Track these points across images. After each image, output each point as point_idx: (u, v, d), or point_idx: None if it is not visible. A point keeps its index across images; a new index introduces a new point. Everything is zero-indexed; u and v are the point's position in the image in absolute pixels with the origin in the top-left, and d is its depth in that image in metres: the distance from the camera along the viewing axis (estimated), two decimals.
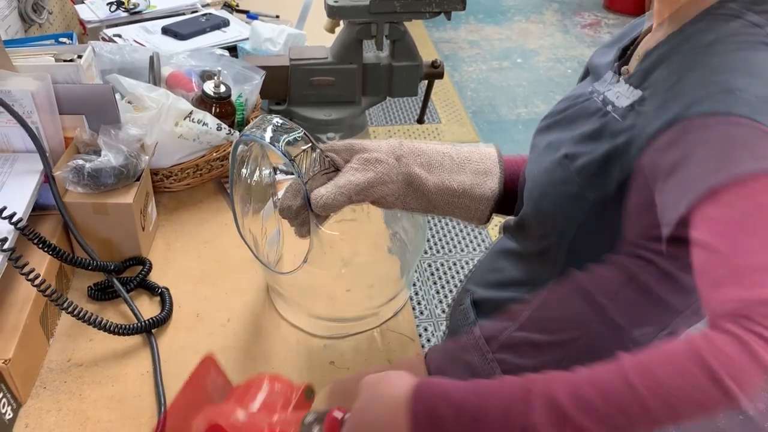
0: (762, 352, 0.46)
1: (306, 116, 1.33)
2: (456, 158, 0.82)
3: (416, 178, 0.79)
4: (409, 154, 0.80)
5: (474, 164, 0.83)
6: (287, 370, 0.88)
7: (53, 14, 1.58)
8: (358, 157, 0.79)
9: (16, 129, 0.92)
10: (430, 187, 0.80)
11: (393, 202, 0.79)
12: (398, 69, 1.35)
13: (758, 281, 0.48)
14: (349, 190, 0.75)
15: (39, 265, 0.87)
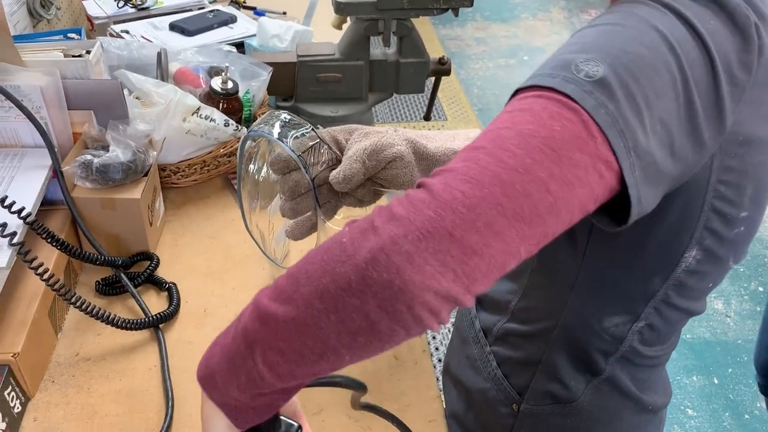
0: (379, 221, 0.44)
1: (313, 112, 1.33)
2: (445, 133, 0.85)
3: (417, 143, 0.80)
4: (403, 130, 0.82)
5: (462, 135, 0.85)
6: None
7: (61, 10, 1.58)
8: (358, 132, 0.81)
9: (25, 124, 0.93)
10: (432, 150, 0.80)
11: (404, 171, 0.79)
12: (405, 66, 1.35)
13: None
14: (360, 155, 0.76)
15: (47, 259, 0.88)
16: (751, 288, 2.45)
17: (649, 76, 0.49)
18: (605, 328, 0.70)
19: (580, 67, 0.49)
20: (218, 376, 0.52)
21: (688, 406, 2.02)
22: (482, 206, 0.43)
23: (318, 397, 0.84)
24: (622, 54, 0.49)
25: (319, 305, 0.45)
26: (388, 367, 0.89)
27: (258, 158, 0.89)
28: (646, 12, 0.52)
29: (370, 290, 0.43)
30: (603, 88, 0.48)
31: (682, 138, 0.51)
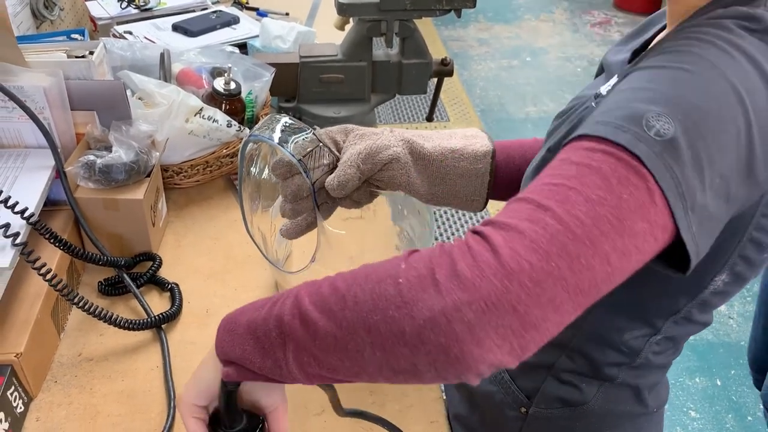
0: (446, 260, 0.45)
1: (315, 113, 1.33)
2: (442, 133, 0.84)
3: (414, 142, 0.79)
4: (399, 130, 0.82)
5: (459, 134, 0.84)
6: None
7: (64, 11, 1.59)
8: (353, 134, 0.80)
9: (28, 124, 0.93)
10: (429, 149, 0.79)
11: (400, 172, 0.78)
12: (408, 66, 1.35)
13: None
14: (355, 160, 0.75)
15: (50, 260, 0.88)
16: (754, 290, 2.44)
17: (715, 134, 0.49)
18: (624, 341, 0.70)
19: (651, 123, 0.48)
20: (240, 349, 0.54)
21: (690, 408, 2.02)
22: (548, 282, 0.44)
23: (319, 397, 0.84)
24: (693, 110, 0.49)
25: (365, 336, 0.46)
26: None
27: (260, 160, 0.90)
28: (717, 56, 0.52)
29: (424, 347, 0.43)
30: (672, 150, 0.48)
31: (739, 185, 0.51)
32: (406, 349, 0.44)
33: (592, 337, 0.71)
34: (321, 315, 0.47)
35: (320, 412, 0.82)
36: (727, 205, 0.52)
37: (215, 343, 0.57)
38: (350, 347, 0.46)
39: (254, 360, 0.52)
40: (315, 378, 0.50)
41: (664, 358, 0.73)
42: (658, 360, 0.73)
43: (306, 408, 0.83)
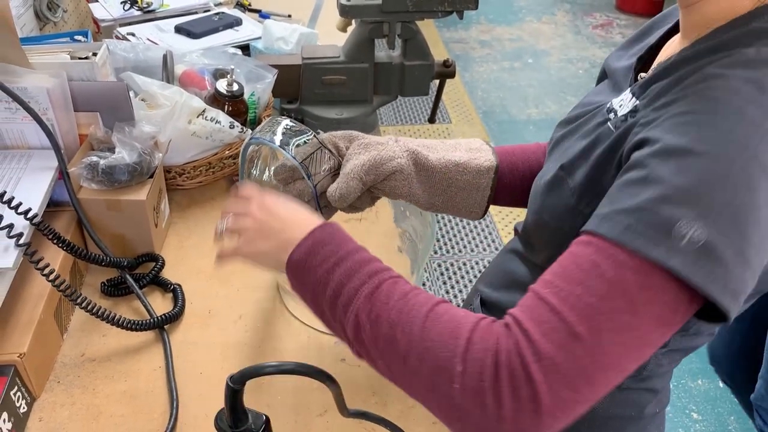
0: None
1: (317, 115, 1.34)
2: (448, 143, 0.85)
3: (419, 154, 0.80)
4: (405, 139, 0.82)
5: (464, 145, 0.85)
6: None
7: (68, 12, 1.59)
8: (357, 143, 0.81)
9: (31, 126, 0.93)
10: (433, 161, 0.80)
11: (402, 183, 0.79)
12: (410, 68, 1.35)
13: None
14: (357, 172, 0.76)
15: (53, 260, 0.88)
16: None
17: (756, 224, 0.50)
18: None
19: (683, 232, 0.49)
20: (304, 289, 0.63)
21: (693, 410, 2.02)
22: (575, 407, 0.52)
23: (322, 397, 0.84)
24: (725, 207, 0.49)
25: (410, 380, 0.56)
26: None
27: (260, 162, 0.90)
28: (747, 132, 0.50)
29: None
30: (709, 254, 0.49)
31: None
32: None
33: None
34: (372, 346, 0.58)
35: (323, 412, 0.83)
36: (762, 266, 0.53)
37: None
38: (395, 378, 0.58)
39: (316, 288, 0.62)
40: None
41: (669, 366, 0.74)
42: (662, 369, 0.73)
43: (309, 409, 0.83)
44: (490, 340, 0.52)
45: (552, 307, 0.52)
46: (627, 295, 0.50)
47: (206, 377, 0.86)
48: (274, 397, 0.84)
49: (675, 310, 0.51)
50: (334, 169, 0.81)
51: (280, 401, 0.84)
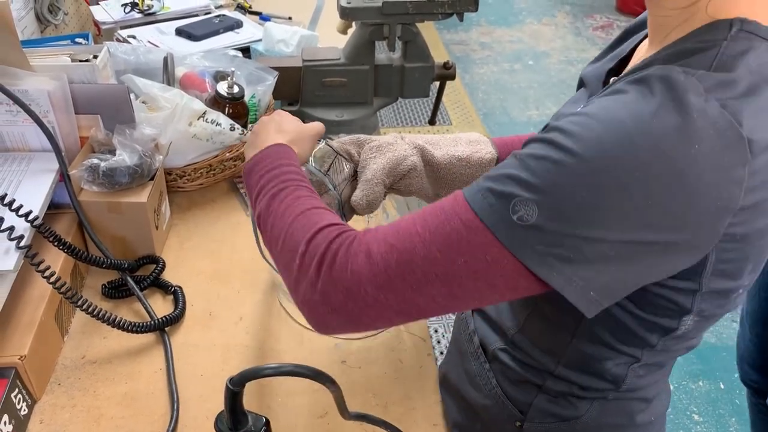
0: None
1: (318, 117, 1.34)
2: (448, 138, 0.87)
3: (425, 149, 0.82)
4: (409, 136, 0.84)
5: (464, 139, 0.87)
6: None
7: (68, 15, 1.59)
8: (368, 146, 0.82)
9: (32, 128, 0.93)
10: (438, 157, 0.83)
11: (416, 180, 0.82)
12: (410, 70, 1.35)
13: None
14: (379, 176, 0.78)
15: (54, 262, 0.88)
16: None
17: (592, 225, 0.54)
18: (607, 369, 0.70)
19: (517, 209, 0.54)
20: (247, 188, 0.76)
21: (694, 412, 2.01)
22: (376, 306, 0.59)
23: (323, 400, 0.84)
24: (565, 201, 0.53)
25: (277, 260, 0.68)
26: (392, 370, 0.89)
27: None
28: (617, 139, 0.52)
29: (299, 306, 0.63)
30: (535, 234, 0.53)
31: (648, 251, 0.54)
32: (288, 291, 0.65)
33: (574, 365, 0.72)
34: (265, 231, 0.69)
35: (323, 414, 0.83)
36: (635, 264, 0.54)
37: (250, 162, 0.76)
38: (272, 252, 0.69)
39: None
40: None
41: (653, 377, 0.73)
42: (646, 380, 0.73)
43: (309, 411, 0.83)
44: (333, 234, 0.62)
45: (400, 221, 0.60)
46: (448, 237, 0.56)
47: (207, 379, 0.86)
48: (274, 399, 0.84)
49: (498, 274, 0.55)
50: (351, 176, 0.82)
51: (280, 403, 0.84)
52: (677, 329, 0.65)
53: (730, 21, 0.55)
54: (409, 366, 0.90)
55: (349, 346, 0.92)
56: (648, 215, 0.51)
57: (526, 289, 0.56)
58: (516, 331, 0.76)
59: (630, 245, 0.52)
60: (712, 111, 0.50)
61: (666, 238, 0.52)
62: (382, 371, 0.89)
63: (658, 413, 0.78)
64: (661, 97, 0.51)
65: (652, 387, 0.75)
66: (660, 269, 0.56)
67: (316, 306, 0.60)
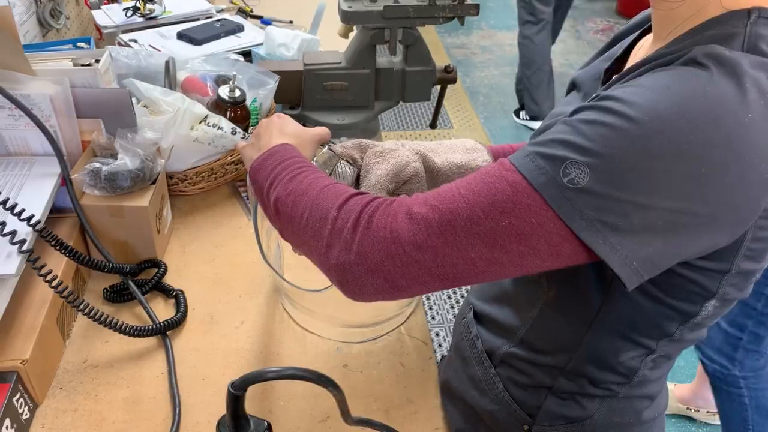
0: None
1: (319, 121, 1.34)
2: (445, 145, 0.88)
3: (427, 157, 0.83)
4: (409, 143, 0.85)
5: (460, 146, 0.88)
6: None
7: (70, 19, 1.60)
8: (371, 152, 0.83)
9: (34, 132, 0.94)
10: (438, 164, 0.83)
11: (418, 185, 0.82)
12: (411, 74, 1.35)
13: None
14: (383, 182, 0.79)
15: (56, 266, 0.88)
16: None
17: (647, 189, 0.53)
18: (621, 362, 0.70)
19: (568, 171, 0.53)
20: (255, 185, 0.75)
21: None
22: (415, 267, 0.58)
23: (324, 404, 0.84)
24: (618, 164, 0.52)
25: (300, 243, 0.67)
26: (395, 374, 0.89)
27: None
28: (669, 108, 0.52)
29: (328, 273, 0.63)
30: (586, 198, 0.52)
31: (697, 223, 0.54)
32: (317, 261, 0.64)
33: (589, 359, 0.72)
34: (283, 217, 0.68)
35: (325, 418, 0.83)
36: (680, 236, 0.53)
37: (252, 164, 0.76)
38: (294, 232, 0.67)
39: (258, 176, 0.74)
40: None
41: (660, 371, 0.74)
42: (655, 374, 0.73)
43: (311, 415, 0.83)
44: (366, 199, 0.62)
45: (438, 191, 0.59)
46: (496, 205, 0.55)
47: (208, 383, 0.86)
48: (276, 403, 0.84)
49: (543, 238, 0.54)
50: (354, 180, 0.82)
51: (282, 407, 0.84)
52: (697, 315, 0.65)
53: (747, 10, 0.56)
54: (411, 370, 0.90)
55: (351, 350, 0.92)
56: (700, 183, 0.51)
57: (568, 257, 0.55)
58: (526, 329, 0.76)
59: (678, 214, 0.52)
60: (764, 82, 0.51)
61: (713, 210, 0.52)
62: (383, 375, 0.89)
63: (661, 409, 0.79)
64: (714, 69, 0.51)
65: (656, 383, 0.75)
66: (702, 244, 0.55)
67: (351, 267, 0.59)
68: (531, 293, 0.74)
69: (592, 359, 0.71)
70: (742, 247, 0.57)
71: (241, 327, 0.95)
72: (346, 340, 0.93)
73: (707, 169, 0.50)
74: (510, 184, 0.55)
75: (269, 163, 0.72)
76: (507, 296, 0.80)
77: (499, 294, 0.82)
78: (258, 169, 0.74)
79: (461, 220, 0.56)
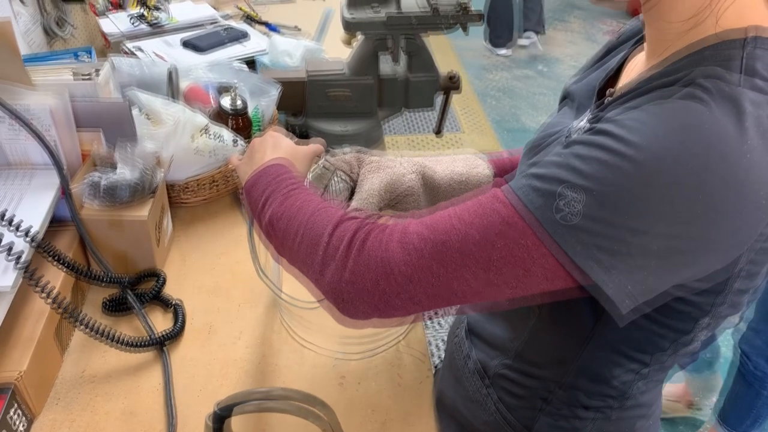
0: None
1: (322, 129, 1.34)
2: (445, 157, 0.88)
3: (426, 171, 0.83)
4: (408, 157, 0.85)
5: (460, 159, 0.88)
6: (297, 384, 0.87)
7: (77, 28, 1.61)
8: (368, 163, 0.83)
9: (35, 144, 0.94)
10: (438, 178, 0.83)
11: (413, 201, 0.82)
12: (415, 82, 1.35)
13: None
14: (374, 193, 0.78)
15: (55, 278, 0.89)
16: None
17: (640, 217, 0.53)
18: (615, 375, 0.70)
19: (562, 200, 0.53)
20: (249, 201, 0.75)
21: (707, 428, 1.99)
22: (410, 286, 0.59)
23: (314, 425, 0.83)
24: (613, 193, 0.52)
25: (296, 263, 0.67)
26: (391, 387, 0.88)
27: None
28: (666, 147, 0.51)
29: (323, 293, 0.63)
30: (580, 227, 0.52)
31: (692, 251, 0.53)
32: (312, 282, 0.64)
33: (582, 374, 0.71)
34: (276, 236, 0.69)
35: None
36: (676, 260, 0.53)
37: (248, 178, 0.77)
38: (287, 252, 0.68)
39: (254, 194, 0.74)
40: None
41: (654, 384, 0.73)
42: (648, 386, 0.73)
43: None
44: (359, 221, 0.62)
45: (432, 211, 0.60)
46: (488, 238, 0.55)
47: (204, 396, 0.86)
48: (267, 422, 0.84)
49: (537, 261, 0.54)
50: (349, 193, 0.82)
51: (273, 425, 0.83)
52: (690, 332, 0.64)
53: (744, 29, 0.54)
54: (409, 383, 0.89)
55: (348, 364, 0.92)
56: (696, 210, 0.50)
57: (563, 280, 0.55)
58: (520, 343, 0.76)
59: (674, 239, 0.51)
60: (764, 121, 0.51)
61: (710, 235, 0.51)
62: (380, 388, 0.88)
63: (654, 417, 0.79)
64: (713, 104, 0.50)
65: (651, 393, 0.75)
66: (698, 267, 0.55)
67: (346, 289, 0.59)
68: (525, 308, 0.74)
69: (585, 374, 0.71)
70: (738, 269, 0.57)
71: (240, 338, 0.94)
72: (343, 353, 0.93)
73: (705, 204, 0.50)
74: (505, 206, 0.55)
75: (262, 182, 0.72)
76: (500, 311, 0.79)
77: (493, 308, 0.81)
78: (251, 187, 0.74)
79: (456, 241, 0.56)
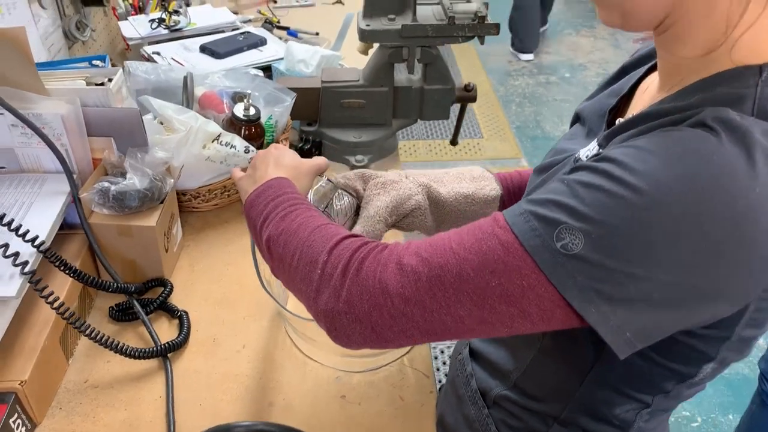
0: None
1: (336, 138, 1.33)
2: (452, 174, 0.87)
3: (431, 188, 0.82)
4: (414, 174, 0.84)
5: (467, 175, 0.87)
6: (298, 401, 0.87)
7: (97, 31, 1.62)
8: (373, 182, 0.82)
9: (47, 150, 0.94)
10: (445, 195, 0.82)
11: (420, 218, 0.81)
12: (430, 92, 1.34)
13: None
14: (381, 213, 0.77)
15: (62, 284, 0.89)
16: None
17: (644, 261, 0.51)
18: (615, 414, 0.68)
19: (562, 236, 0.52)
20: (249, 219, 0.75)
21: None
22: (402, 320, 0.57)
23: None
24: (613, 233, 0.50)
25: (290, 284, 0.66)
26: (393, 408, 0.87)
27: None
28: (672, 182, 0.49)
29: (316, 316, 0.62)
30: (579, 264, 0.50)
31: (694, 298, 0.52)
32: (306, 304, 0.63)
33: (583, 410, 0.70)
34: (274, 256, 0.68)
35: None
36: (678, 308, 0.51)
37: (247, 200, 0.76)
38: (283, 274, 0.67)
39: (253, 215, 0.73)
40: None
41: (656, 422, 0.72)
42: (650, 425, 0.71)
43: None
44: (357, 243, 0.61)
45: (429, 242, 0.58)
46: (487, 264, 0.53)
47: (205, 409, 0.86)
48: None
49: (533, 301, 0.52)
50: (353, 211, 0.81)
51: None
52: (695, 376, 0.62)
53: (759, 66, 0.52)
54: (410, 403, 0.88)
55: (350, 380, 0.91)
56: (701, 257, 0.48)
57: (559, 321, 0.53)
58: (520, 373, 0.74)
59: (676, 288, 0.49)
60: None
61: (715, 285, 0.49)
62: (381, 408, 0.87)
63: None
64: (723, 134, 0.48)
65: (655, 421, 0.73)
66: (701, 316, 0.53)
67: (339, 315, 0.58)
68: (527, 338, 0.72)
69: (586, 410, 0.69)
70: (745, 317, 0.55)
71: (243, 351, 0.94)
72: (346, 369, 0.92)
73: (710, 245, 0.47)
74: (502, 243, 0.53)
75: (263, 199, 0.72)
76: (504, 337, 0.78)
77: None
78: (252, 204, 0.73)
79: (451, 277, 0.54)
